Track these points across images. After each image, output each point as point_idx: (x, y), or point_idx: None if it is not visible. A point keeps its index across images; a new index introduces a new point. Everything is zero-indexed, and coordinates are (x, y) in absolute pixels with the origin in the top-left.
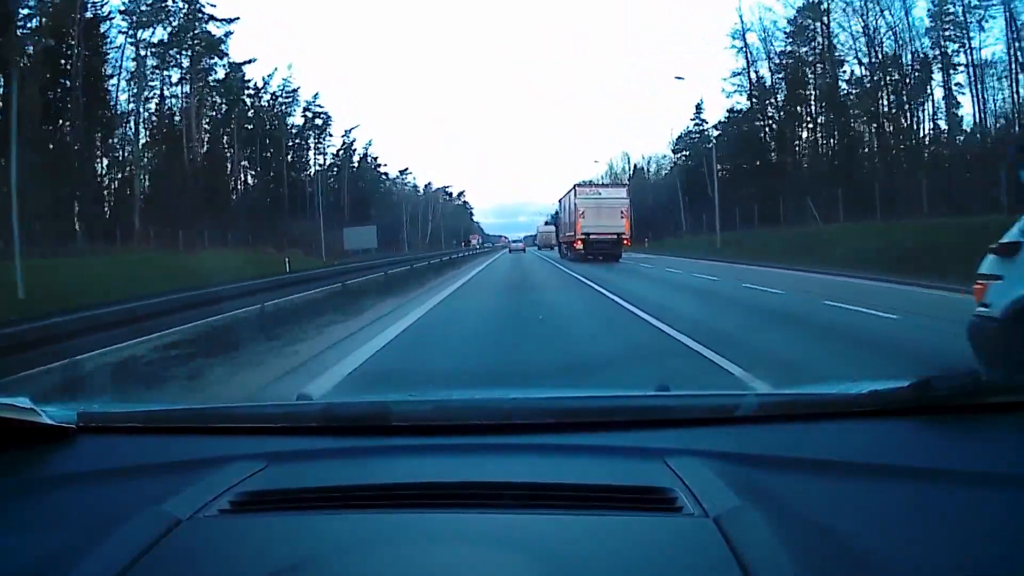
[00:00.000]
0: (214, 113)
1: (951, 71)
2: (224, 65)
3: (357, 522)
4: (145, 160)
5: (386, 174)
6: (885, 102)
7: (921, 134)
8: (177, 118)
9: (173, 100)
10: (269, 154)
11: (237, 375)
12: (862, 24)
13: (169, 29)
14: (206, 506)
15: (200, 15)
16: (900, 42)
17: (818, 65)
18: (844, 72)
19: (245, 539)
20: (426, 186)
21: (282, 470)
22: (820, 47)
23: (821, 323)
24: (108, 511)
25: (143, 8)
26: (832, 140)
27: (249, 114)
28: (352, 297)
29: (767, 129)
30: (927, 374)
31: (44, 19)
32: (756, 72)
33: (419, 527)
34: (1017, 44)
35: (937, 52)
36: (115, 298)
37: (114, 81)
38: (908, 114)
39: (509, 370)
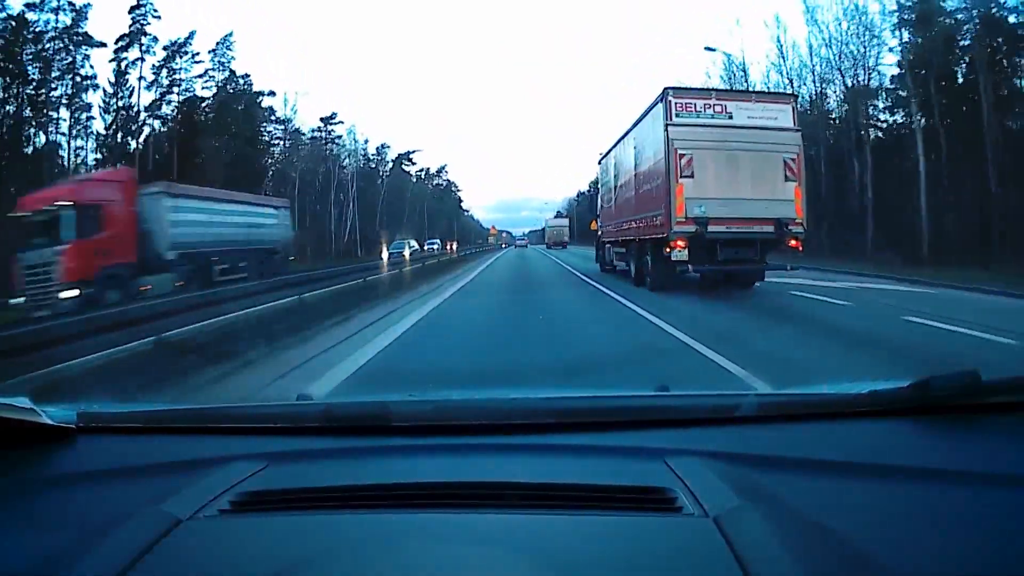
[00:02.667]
0: None
1: None
2: None
3: (357, 522)
4: None
5: (269, 109)
6: None
7: None
8: None
9: None
10: None
11: None
12: None
13: None
14: (206, 506)
15: None
16: None
17: None
18: None
19: (245, 539)
20: (379, 149)
21: (282, 470)
22: None
23: None
24: (108, 511)
25: None
26: None
27: None
28: None
29: None
30: (927, 374)
31: None
32: None
33: (419, 527)
34: None
35: None
36: None
37: None
38: None
39: None
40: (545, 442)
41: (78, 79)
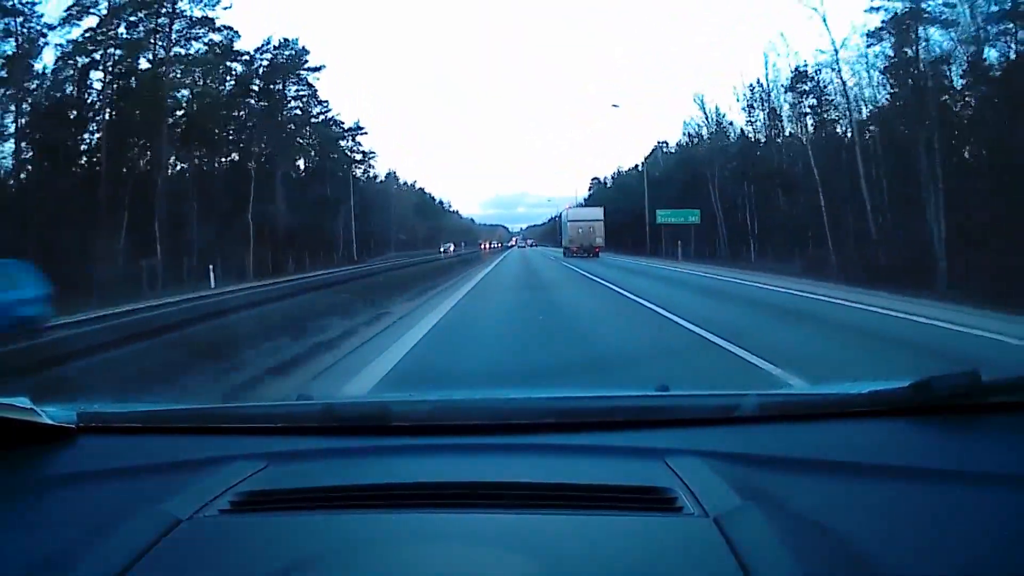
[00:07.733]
0: None
1: None
2: None
3: (357, 522)
4: None
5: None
6: None
7: None
8: None
9: None
10: None
11: None
12: None
13: None
14: (206, 506)
15: None
16: None
17: None
18: None
19: (245, 539)
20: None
21: (282, 470)
22: None
23: None
24: (108, 511)
25: None
26: None
27: None
28: None
29: None
30: (928, 375)
31: None
32: None
33: (419, 527)
34: None
35: None
36: None
37: None
38: None
39: None
40: (545, 442)
41: None
